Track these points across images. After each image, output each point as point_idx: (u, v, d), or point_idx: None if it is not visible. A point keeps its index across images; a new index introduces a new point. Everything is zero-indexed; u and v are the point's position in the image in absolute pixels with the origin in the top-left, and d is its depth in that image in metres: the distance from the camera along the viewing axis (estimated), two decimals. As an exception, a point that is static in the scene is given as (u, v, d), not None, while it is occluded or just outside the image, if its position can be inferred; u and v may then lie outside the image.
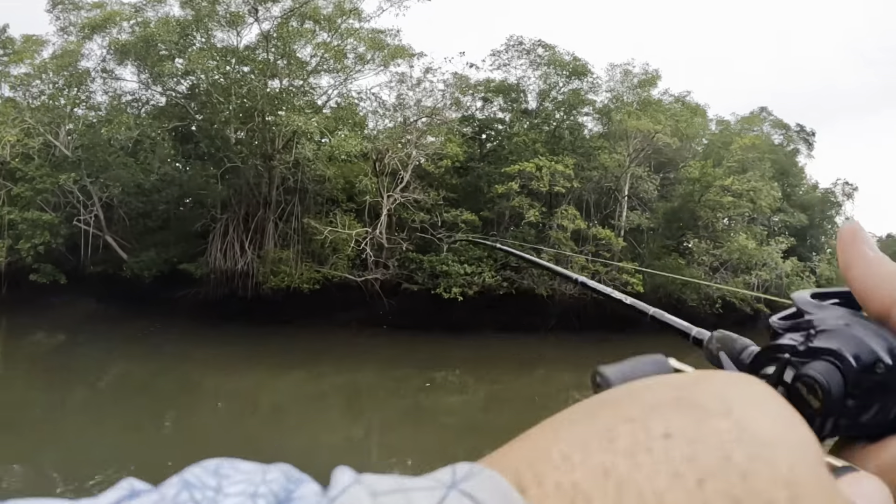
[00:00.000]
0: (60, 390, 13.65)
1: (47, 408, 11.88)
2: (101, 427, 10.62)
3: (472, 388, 16.60)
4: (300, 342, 20.74)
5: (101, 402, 12.92)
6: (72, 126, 24.81)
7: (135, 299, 22.68)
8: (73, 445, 9.25)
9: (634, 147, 25.10)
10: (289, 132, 20.68)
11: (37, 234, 22.22)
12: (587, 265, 23.57)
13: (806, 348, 0.37)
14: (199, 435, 10.31)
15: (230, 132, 22.07)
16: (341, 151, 20.81)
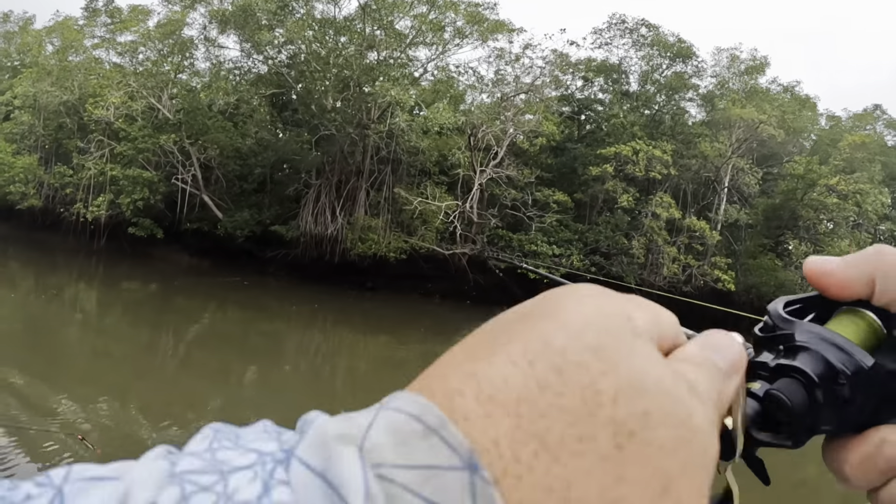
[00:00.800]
0: (150, 336, 14.20)
1: (137, 351, 12.30)
2: (185, 372, 11.01)
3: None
4: (384, 309, 20.96)
5: (187, 350, 13.31)
6: (175, 90, 25.83)
7: (227, 256, 23.59)
8: (157, 387, 9.52)
9: (737, 137, 23.82)
10: (384, 103, 20.76)
11: (137, 190, 23.47)
12: (678, 257, 22.76)
13: (776, 365, 0.40)
14: (277, 388, 10.49)
15: (326, 101, 22.36)
16: (434, 123, 20.72)
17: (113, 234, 25.10)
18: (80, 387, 8.85)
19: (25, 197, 26.78)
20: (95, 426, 7.11)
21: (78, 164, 25.76)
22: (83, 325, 15.07)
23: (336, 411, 1.61)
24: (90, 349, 12.13)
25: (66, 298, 18.31)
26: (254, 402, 9.34)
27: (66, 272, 22.82)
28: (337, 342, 16.85)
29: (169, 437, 6.91)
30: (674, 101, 25.61)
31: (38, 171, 27.22)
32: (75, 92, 26.60)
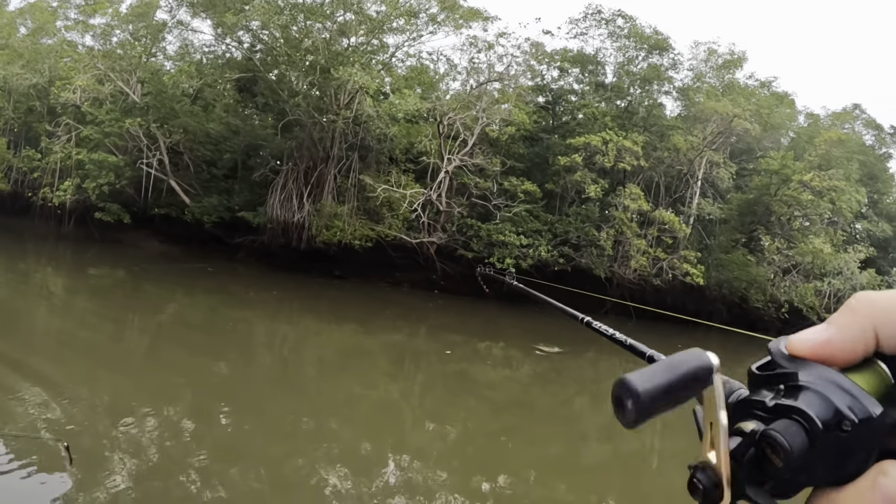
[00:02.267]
0: (116, 324, 14.15)
1: (103, 339, 12.28)
2: (151, 362, 10.97)
3: (517, 363, 16.37)
4: (352, 298, 21.12)
5: (153, 339, 13.28)
6: (143, 74, 25.80)
7: (197, 242, 23.66)
8: (123, 376, 9.48)
9: (711, 130, 24.04)
10: (353, 89, 20.80)
11: (102, 174, 23.53)
12: (648, 250, 22.90)
13: (774, 405, 0.38)
14: (244, 377, 10.55)
15: (294, 86, 22.38)
16: (399, 110, 20.76)
17: (81, 219, 25.12)
18: (45, 375, 8.72)
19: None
20: (62, 415, 7.06)
21: (46, 148, 25.68)
22: (49, 312, 15.04)
23: (303, 401, 4.65)
24: (55, 336, 12.10)
25: (33, 284, 18.29)
26: (221, 392, 9.36)
27: (35, 258, 22.77)
28: (304, 330, 16.83)
29: (137, 427, 7.00)
30: (648, 93, 25.77)
31: (6, 155, 27.15)
32: (45, 75, 26.51)
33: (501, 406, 10.76)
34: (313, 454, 7.17)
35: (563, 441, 9.28)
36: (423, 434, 8.91)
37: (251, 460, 6.62)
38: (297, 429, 8.16)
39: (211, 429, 7.51)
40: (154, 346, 12.38)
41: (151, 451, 6.41)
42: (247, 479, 6.13)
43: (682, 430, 6.77)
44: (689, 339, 23.34)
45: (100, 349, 11.25)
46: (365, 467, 6.90)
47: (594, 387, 13.39)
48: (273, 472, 6.39)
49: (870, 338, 0.41)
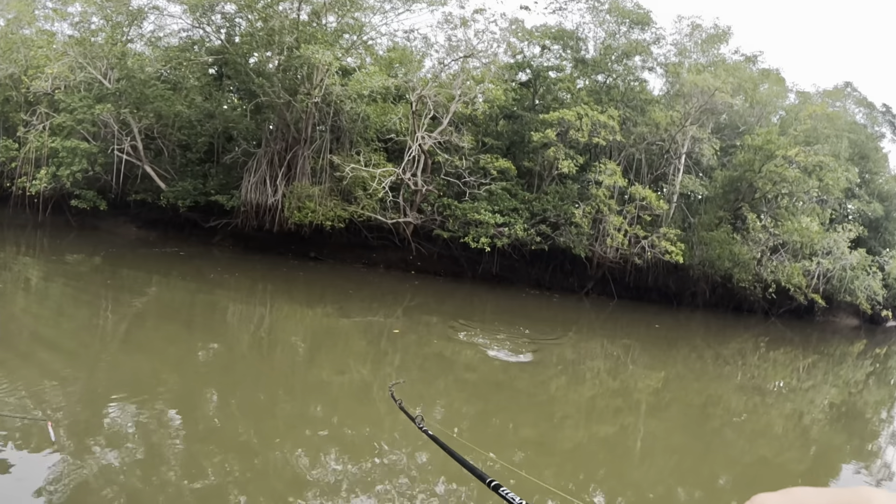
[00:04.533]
0: (91, 309, 14.30)
1: (77, 326, 12.36)
2: (128, 347, 11.09)
3: (495, 342, 16.42)
4: (328, 280, 21.42)
5: (129, 324, 13.36)
6: (114, 60, 26.12)
7: (174, 227, 23.99)
8: (101, 361, 9.66)
9: (694, 105, 24.21)
10: (324, 68, 21.03)
11: (75, 161, 23.88)
12: (626, 227, 23.01)
13: None
14: (221, 362, 10.77)
15: (265, 67, 22.66)
16: (364, 87, 20.96)
17: (58, 207, 25.48)
18: (22, 362, 8.88)
19: (-29, 172, 27.07)
20: (40, 401, 7.17)
21: (23, 138, 26.04)
22: (26, 299, 15.15)
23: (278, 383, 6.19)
24: (31, 323, 12.18)
25: (10, 272, 18.54)
26: (199, 375, 9.56)
27: (13, 246, 23.06)
28: (280, 314, 16.98)
29: (116, 411, 7.25)
30: (628, 69, 25.97)
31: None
32: (21, 64, 26.83)
33: (480, 387, 10.77)
34: (293, 438, 7.34)
35: (544, 422, 9.27)
36: (401, 416, 9.00)
37: (231, 443, 6.81)
38: (276, 411, 8.33)
39: (191, 412, 7.70)
40: (130, 331, 12.49)
41: (131, 436, 6.59)
42: (226, 462, 6.31)
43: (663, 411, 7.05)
44: (671, 320, 23.39)
45: (77, 334, 11.40)
46: (345, 451, 7.03)
47: (573, 368, 13.49)
48: (253, 455, 6.61)
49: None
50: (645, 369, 14.75)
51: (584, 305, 23.83)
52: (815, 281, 25.44)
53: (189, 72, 25.38)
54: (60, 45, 26.24)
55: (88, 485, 5.44)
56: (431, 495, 6.27)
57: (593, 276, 24.73)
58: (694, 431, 10.00)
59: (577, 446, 8.56)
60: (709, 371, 15.40)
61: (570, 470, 7.40)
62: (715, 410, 11.80)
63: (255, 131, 23.19)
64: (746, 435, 10.18)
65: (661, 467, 8.09)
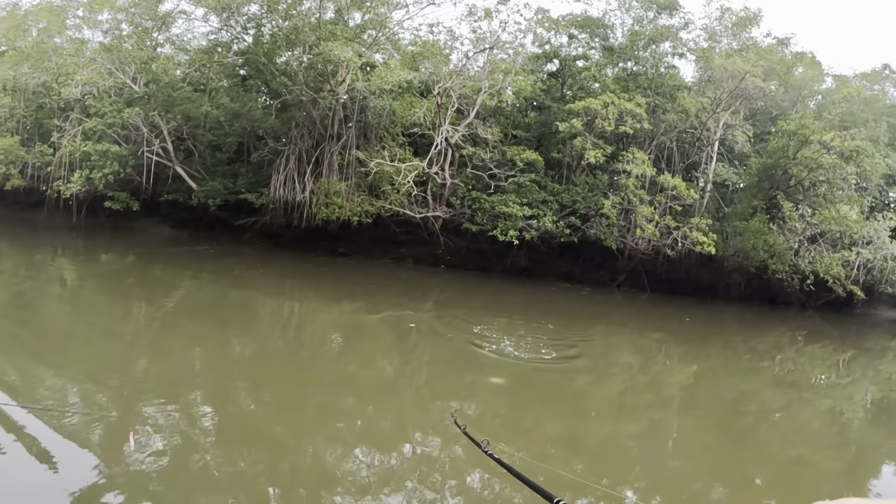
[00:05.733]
0: (127, 306, 14.67)
1: (113, 322, 12.73)
2: (161, 343, 11.40)
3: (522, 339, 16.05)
4: (356, 275, 21.66)
5: (164, 321, 13.70)
6: (142, 65, 26.77)
7: (205, 226, 24.54)
8: (133, 357, 9.86)
9: (725, 90, 23.70)
10: (347, 66, 21.17)
11: (107, 164, 24.62)
12: (656, 218, 22.65)
13: None
14: (253, 356, 10.98)
15: (290, 66, 22.91)
16: (385, 82, 21.04)
17: (92, 208, 26.28)
18: (64, 360, 9.24)
19: (9, 178, 28.02)
20: (82, 399, 7.47)
21: (57, 143, 26.87)
22: (62, 299, 15.66)
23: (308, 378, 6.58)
24: (69, 322, 12.64)
25: (48, 273, 19.16)
26: (233, 370, 9.75)
27: (50, 248, 23.83)
28: (309, 309, 17.18)
29: (154, 407, 7.48)
30: (655, 54, 25.56)
31: (19, 152, 28.38)
32: (53, 72, 27.64)
33: (509, 383, 10.71)
34: (323, 431, 7.50)
35: (573, 418, 9.20)
36: (430, 411, 8.99)
37: (263, 437, 7.01)
38: (306, 405, 8.50)
39: (222, 406, 7.94)
40: (163, 328, 12.78)
41: (165, 428, 6.84)
42: (259, 455, 6.49)
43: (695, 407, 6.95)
44: (704, 313, 22.95)
45: (111, 331, 11.72)
46: (374, 444, 7.15)
47: (602, 363, 13.30)
48: (285, 448, 6.81)
49: None
50: (677, 364, 14.57)
51: (616, 298, 23.60)
52: (855, 272, 24.59)
53: (213, 73, 25.86)
54: (90, 52, 26.96)
55: (123, 472, 5.64)
56: (461, 489, 6.33)
57: (624, 269, 24.45)
58: (727, 428, 9.81)
59: (608, 443, 8.47)
60: (743, 366, 15.06)
61: (600, 467, 7.35)
62: (749, 406, 11.52)
63: (282, 129, 23.60)
64: (782, 432, 9.93)
65: (694, 465, 7.97)
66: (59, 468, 5.74)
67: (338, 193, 21.88)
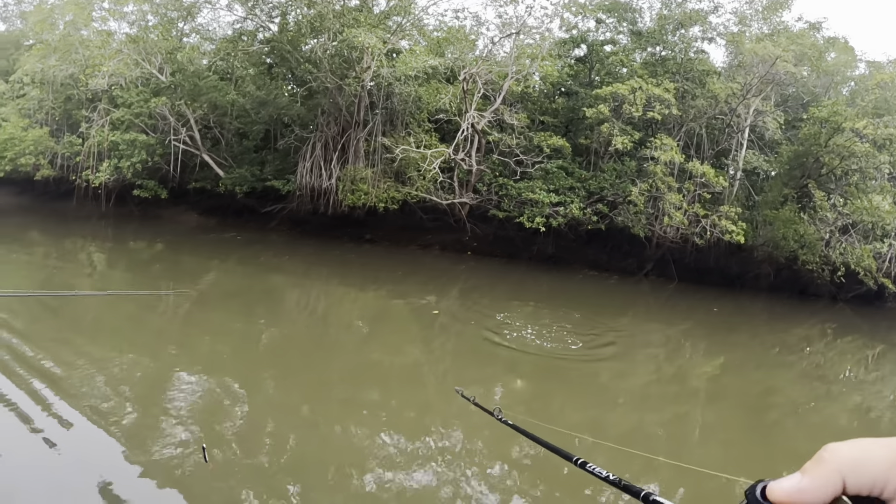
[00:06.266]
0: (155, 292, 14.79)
1: (141, 310, 12.86)
2: (189, 329, 11.61)
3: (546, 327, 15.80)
4: (383, 261, 21.71)
5: (191, 308, 13.85)
6: (168, 55, 27.14)
7: (233, 213, 24.84)
8: (161, 346, 9.93)
9: (755, 76, 23.38)
10: (371, 52, 21.22)
11: (135, 153, 25.06)
12: (684, 206, 22.39)
13: None
14: (278, 345, 11.08)
15: (313, 52, 23.04)
16: (409, 68, 21.09)
17: (121, 197, 26.73)
18: (93, 345, 9.42)
19: (39, 168, 28.59)
20: (110, 387, 7.61)
21: (85, 133, 27.35)
22: (90, 285, 15.83)
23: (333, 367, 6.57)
24: (99, 309, 12.78)
25: (78, 261, 19.51)
26: (258, 358, 9.87)
27: (80, 236, 24.25)
28: (335, 296, 17.29)
29: (179, 393, 7.66)
30: (684, 38, 25.26)
31: (48, 143, 28.93)
32: (81, 64, 28.10)
33: (532, 372, 10.65)
34: (349, 417, 7.58)
35: (597, 408, 9.15)
36: (455, 399, 9.04)
37: (291, 422, 7.14)
38: (332, 391, 8.59)
39: (250, 391, 8.06)
40: (191, 315, 12.97)
41: (194, 414, 7.00)
42: (287, 441, 6.61)
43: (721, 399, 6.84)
44: (732, 304, 22.65)
45: (138, 319, 11.92)
46: (399, 430, 7.23)
47: (628, 353, 13.14)
48: (313, 434, 6.91)
49: (837, 484, 0.53)
50: (704, 355, 14.38)
51: (643, 287, 23.39)
52: (887, 264, 24.08)
53: (238, 62, 26.11)
54: (116, 43, 27.37)
55: (146, 460, 5.75)
56: (485, 473, 6.37)
57: (652, 257, 24.23)
58: (753, 421, 9.63)
59: (631, 433, 8.36)
60: (771, 358, 14.77)
61: (623, 457, 7.25)
62: (776, 400, 11.29)
63: (308, 117, 23.77)
64: (808, 427, 9.73)
65: (720, 458, 7.83)
66: (75, 454, 5.88)
67: (364, 180, 21.98)
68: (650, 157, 22.25)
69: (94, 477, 5.40)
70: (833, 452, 0.54)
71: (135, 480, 5.45)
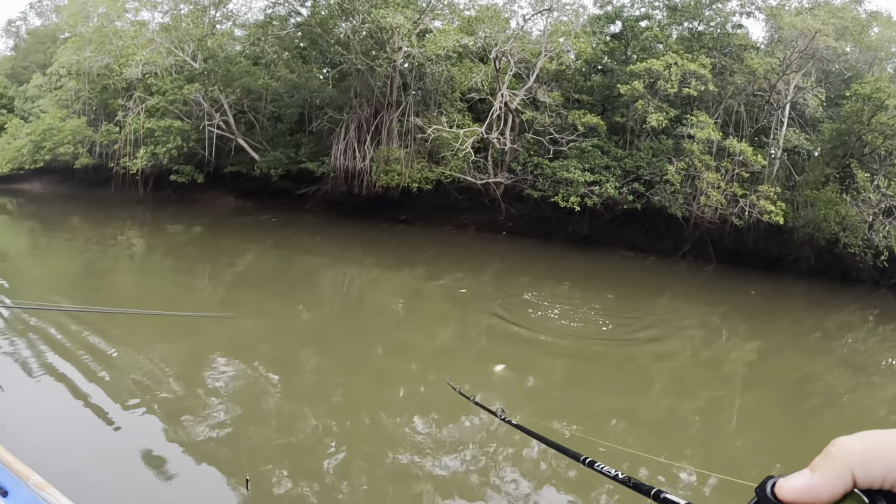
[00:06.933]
0: (194, 275, 15.32)
1: (180, 292, 13.19)
2: (227, 309, 11.60)
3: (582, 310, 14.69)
4: (418, 242, 21.87)
5: (229, 288, 14.14)
6: (199, 43, 27.62)
7: (268, 196, 25.25)
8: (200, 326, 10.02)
9: (797, 50, 22.87)
10: (406, 32, 21.27)
11: (171, 139, 25.64)
12: (722, 185, 22.03)
13: None
14: (314, 325, 11.23)
15: (344, 35, 23.20)
16: (439, 47, 21.08)
17: (158, 182, 27.32)
18: (135, 325, 9.54)
19: (79, 156, 29.43)
20: (152, 364, 7.84)
21: (122, 121, 28.02)
22: (131, 269, 16.41)
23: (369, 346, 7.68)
24: (139, 290, 13.19)
25: (118, 245, 20.03)
26: (294, 338, 10.02)
27: (119, 221, 24.88)
28: (369, 277, 17.43)
29: (218, 373, 7.82)
30: (720, 12, 24.83)
31: (86, 132, 29.72)
32: (116, 55, 28.74)
33: (566, 355, 10.54)
34: (383, 396, 7.71)
35: (631, 393, 9.02)
36: (488, 380, 8.98)
37: (327, 401, 7.26)
38: (367, 371, 8.69)
39: (288, 371, 8.25)
40: (229, 295, 13.21)
41: (231, 393, 7.15)
42: (324, 419, 6.73)
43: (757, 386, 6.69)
44: (771, 287, 22.25)
45: (178, 300, 12.15)
46: (433, 411, 7.29)
47: (664, 336, 12.90)
48: (350, 412, 7.03)
49: (847, 479, 0.53)
50: (741, 339, 14.08)
51: (680, 269, 23.10)
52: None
53: (268, 46, 26.45)
54: (149, 32, 27.96)
55: (187, 439, 5.87)
56: (517, 455, 6.36)
57: (690, 238, 23.89)
58: (791, 409, 9.39)
59: (667, 419, 8.23)
60: (810, 344, 14.34)
61: (657, 442, 7.15)
62: (814, 387, 10.99)
63: (341, 99, 24.01)
64: (847, 417, 9.45)
65: (755, 446, 7.66)
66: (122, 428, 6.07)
67: (397, 160, 22.11)
68: (686, 134, 21.97)
69: (139, 447, 5.60)
70: (842, 447, 0.54)
71: (178, 454, 5.61)
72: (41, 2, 47.30)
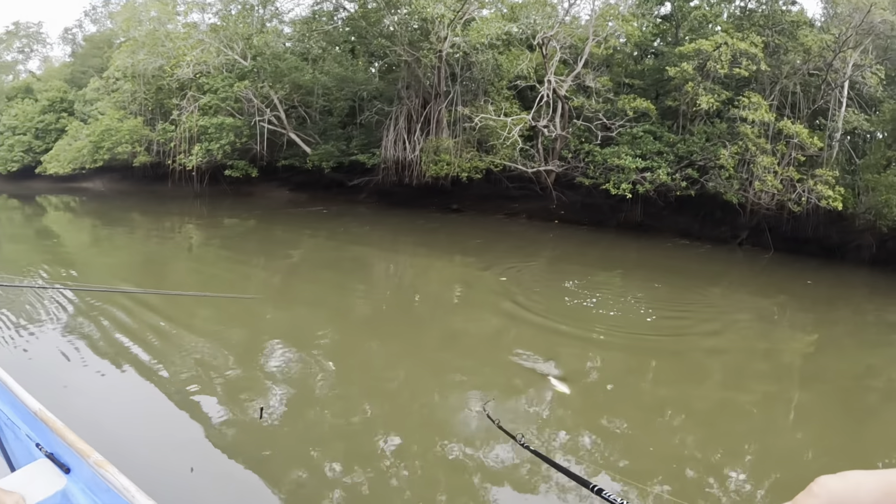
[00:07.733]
0: (251, 265, 15.69)
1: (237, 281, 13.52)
2: (283, 299, 11.96)
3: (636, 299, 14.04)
4: (469, 230, 22.08)
5: (284, 278, 14.44)
6: (249, 41, 28.53)
7: (320, 188, 25.89)
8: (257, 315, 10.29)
9: (852, 26, 22.14)
10: (446, 21, 21.46)
11: (224, 135, 26.51)
12: (777, 169, 21.52)
13: None
14: (367, 313, 11.37)
15: (389, 27, 23.57)
16: (483, 35, 21.22)
17: (213, 177, 28.37)
18: (197, 313, 9.98)
19: (137, 155, 30.76)
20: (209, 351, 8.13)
21: (177, 120, 29.14)
22: (190, 259, 16.98)
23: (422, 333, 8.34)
24: (199, 279, 13.69)
25: (178, 237, 20.89)
26: (348, 327, 10.24)
27: (178, 215, 25.88)
28: (424, 266, 17.60)
29: (276, 361, 8.07)
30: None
31: (143, 131, 31.02)
32: (168, 56, 29.87)
33: (623, 342, 10.37)
34: (436, 384, 7.84)
35: (680, 384, 8.86)
36: (535, 371, 8.77)
37: (382, 388, 7.45)
38: (419, 359, 8.83)
39: (343, 358, 8.45)
40: (285, 285, 13.56)
41: (290, 380, 7.39)
42: (378, 406, 6.90)
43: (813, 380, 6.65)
44: (832, 276, 21.64)
45: (236, 290, 12.37)
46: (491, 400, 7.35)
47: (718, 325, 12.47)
48: (404, 399, 7.22)
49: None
50: (799, 331, 13.67)
51: (736, 257, 22.67)
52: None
53: (315, 42, 27.08)
54: (199, 33, 28.99)
55: (240, 429, 6.06)
56: (563, 439, 6.47)
57: (746, 225, 23.41)
58: (850, 405, 9.00)
59: (715, 412, 8.05)
60: (871, 337, 13.47)
61: (706, 438, 7.03)
62: (876, 383, 10.39)
63: (390, 90, 24.46)
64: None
65: (812, 443, 7.41)
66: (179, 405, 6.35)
67: (446, 150, 22.39)
68: (740, 117, 21.56)
69: (195, 424, 5.91)
70: (823, 486, 0.58)
71: (234, 434, 5.85)
72: (95, 9, 49.35)
